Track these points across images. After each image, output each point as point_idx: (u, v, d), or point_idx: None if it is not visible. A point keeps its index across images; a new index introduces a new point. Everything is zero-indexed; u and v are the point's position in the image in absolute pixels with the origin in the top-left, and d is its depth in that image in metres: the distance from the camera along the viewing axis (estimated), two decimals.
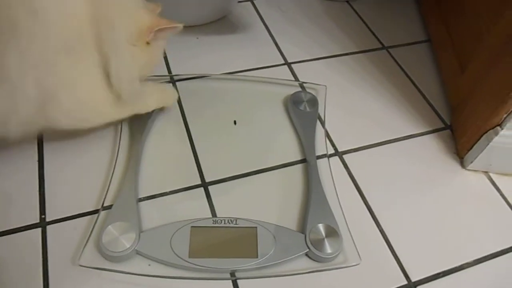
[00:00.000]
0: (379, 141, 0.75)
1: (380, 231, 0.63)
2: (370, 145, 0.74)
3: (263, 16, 0.96)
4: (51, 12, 0.49)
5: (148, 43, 0.57)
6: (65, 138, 0.66)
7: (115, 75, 0.56)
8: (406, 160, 0.72)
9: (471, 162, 0.71)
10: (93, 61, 0.54)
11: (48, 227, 0.59)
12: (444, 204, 0.67)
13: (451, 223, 0.65)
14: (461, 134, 0.74)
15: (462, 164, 0.72)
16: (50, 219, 0.59)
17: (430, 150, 0.74)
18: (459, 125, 0.76)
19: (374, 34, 0.95)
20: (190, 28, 0.89)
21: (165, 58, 0.83)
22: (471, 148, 0.70)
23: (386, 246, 0.61)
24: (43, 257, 0.56)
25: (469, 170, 0.72)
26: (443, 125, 0.78)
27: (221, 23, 0.92)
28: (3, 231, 0.57)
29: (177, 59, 0.83)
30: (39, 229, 0.58)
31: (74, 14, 0.51)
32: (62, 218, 0.60)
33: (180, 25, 0.57)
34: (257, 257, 0.56)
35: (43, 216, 0.59)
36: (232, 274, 0.56)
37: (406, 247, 0.61)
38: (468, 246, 0.63)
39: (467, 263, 0.61)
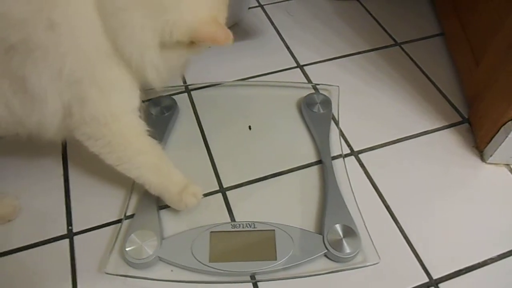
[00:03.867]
0: (395, 139, 0.74)
1: (399, 229, 0.63)
2: (386, 143, 0.74)
3: (274, 21, 0.97)
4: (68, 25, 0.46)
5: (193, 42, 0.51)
6: (87, 152, 0.69)
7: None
8: (424, 156, 0.72)
9: (491, 155, 0.69)
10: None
11: (75, 238, 0.61)
12: (464, 199, 0.67)
13: (473, 218, 0.64)
14: (479, 127, 0.73)
15: (482, 158, 0.71)
16: (77, 230, 0.62)
17: (449, 145, 0.74)
18: (476, 118, 0.75)
19: (386, 31, 0.95)
20: None
21: None
22: (490, 141, 0.69)
23: (406, 244, 0.61)
24: (71, 266, 0.58)
25: (489, 163, 0.70)
26: (460, 119, 0.77)
27: (232, 30, 0.92)
28: (33, 243, 0.60)
29: (191, 68, 0.85)
30: (67, 240, 0.61)
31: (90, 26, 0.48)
32: (88, 229, 0.62)
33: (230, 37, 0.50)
34: (276, 260, 0.57)
35: (70, 227, 0.62)
36: (252, 277, 0.58)
37: (427, 244, 0.61)
38: (492, 241, 0.62)
39: (491, 259, 0.60)
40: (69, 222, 0.63)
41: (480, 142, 0.72)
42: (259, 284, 0.57)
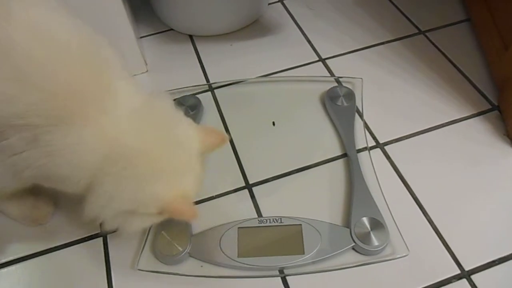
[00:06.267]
0: (421, 129, 0.73)
1: (428, 220, 0.62)
2: (413, 134, 0.73)
3: (294, 15, 0.97)
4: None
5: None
6: None
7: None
8: (453, 145, 0.70)
9: None
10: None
11: (109, 236, 0.63)
12: (495, 188, 0.65)
13: (505, 207, 0.63)
14: (509, 114, 0.71)
15: None
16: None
17: (478, 133, 0.72)
18: (506, 104, 0.72)
19: (409, 20, 0.93)
20: (224, 36, 0.92)
21: (202, 67, 0.86)
22: None
23: (435, 235, 0.60)
24: (106, 263, 0.61)
25: None
26: (490, 106, 0.75)
27: (253, 27, 0.94)
28: (69, 242, 0.63)
29: (213, 67, 0.86)
30: (101, 239, 0.63)
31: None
32: None
33: (196, 215, 0.49)
34: (304, 254, 0.58)
35: None
36: (281, 271, 0.58)
37: (457, 235, 0.60)
38: None
39: None
40: None
41: (510, 130, 0.70)
42: (287, 278, 0.58)
